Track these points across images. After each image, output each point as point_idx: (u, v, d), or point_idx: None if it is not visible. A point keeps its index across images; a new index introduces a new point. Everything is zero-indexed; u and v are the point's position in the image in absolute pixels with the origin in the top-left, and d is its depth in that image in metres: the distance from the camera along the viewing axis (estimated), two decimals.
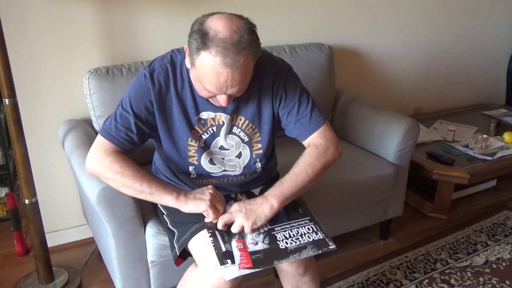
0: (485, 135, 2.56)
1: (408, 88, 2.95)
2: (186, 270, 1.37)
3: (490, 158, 2.39)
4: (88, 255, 2.07)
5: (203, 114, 1.34)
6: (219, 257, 1.21)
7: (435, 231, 2.30)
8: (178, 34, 2.04)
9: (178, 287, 1.39)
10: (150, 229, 1.54)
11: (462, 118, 2.95)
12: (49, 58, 1.88)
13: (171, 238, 1.42)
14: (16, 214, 2.03)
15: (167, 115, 1.33)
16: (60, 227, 2.14)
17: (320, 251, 1.26)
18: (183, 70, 1.31)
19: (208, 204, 1.28)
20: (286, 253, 1.24)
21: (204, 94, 1.24)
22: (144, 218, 1.56)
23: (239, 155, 1.40)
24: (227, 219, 1.28)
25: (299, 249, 1.26)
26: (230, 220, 1.29)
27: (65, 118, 1.95)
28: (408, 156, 2.08)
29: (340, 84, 2.52)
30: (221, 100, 1.22)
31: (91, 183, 1.43)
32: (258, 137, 1.39)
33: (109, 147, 1.30)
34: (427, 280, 1.94)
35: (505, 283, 1.92)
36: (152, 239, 1.54)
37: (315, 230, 1.32)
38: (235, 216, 1.28)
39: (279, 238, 1.28)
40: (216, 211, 1.29)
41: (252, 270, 1.19)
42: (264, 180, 1.51)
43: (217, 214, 1.29)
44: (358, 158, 2.06)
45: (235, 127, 1.37)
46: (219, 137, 1.37)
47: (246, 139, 1.39)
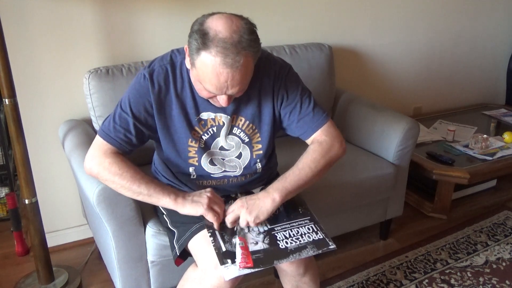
0: (485, 135, 2.56)
1: (408, 88, 2.95)
2: (186, 270, 1.37)
3: (490, 158, 2.39)
4: (88, 255, 2.07)
5: (203, 115, 1.34)
6: (219, 257, 1.21)
7: (435, 231, 2.30)
8: (178, 34, 2.04)
9: (178, 287, 1.39)
10: (150, 229, 1.54)
11: (462, 118, 2.95)
12: (49, 58, 1.88)
13: (171, 238, 1.42)
14: (16, 214, 2.03)
15: (167, 116, 1.32)
16: (60, 227, 2.14)
17: (320, 251, 1.26)
18: (183, 71, 1.31)
19: (206, 208, 1.28)
20: (286, 253, 1.24)
21: (204, 95, 1.24)
22: (144, 218, 1.56)
23: (239, 156, 1.40)
24: (233, 218, 1.29)
25: (299, 249, 1.26)
26: (236, 218, 1.29)
27: (65, 118, 1.95)
28: (408, 156, 2.08)
29: (340, 84, 2.52)
30: (221, 101, 1.21)
31: (91, 183, 1.43)
32: (258, 138, 1.39)
33: (108, 148, 1.30)
34: (427, 280, 1.94)
35: (505, 283, 1.92)
36: (152, 239, 1.54)
37: (315, 230, 1.32)
38: (239, 212, 1.28)
39: (279, 238, 1.28)
40: (215, 214, 1.29)
41: (252, 270, 1.19)
42: (264, 181, 1.51)
43: (216, 217, 1.29)
44: (358, 158, 2.06)
45: (236, 128, 1.37)
46: (219, 138, 1.37)
47: (247, 140, 1.39)
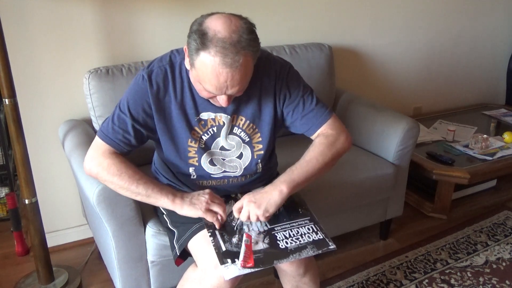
0: (485, 135, 2.56)
1: (408, 88, 2.95)
2: (186, 270, 1.37)
3: (490, 158, 2.39)
4: (88, 255, 2.07)
5: (203, 115, 1.33)
6: (219, 257, 1.21)
7: (435, 231, 2.30)
8: (178, 34, 2.03)
9: (178, 287, 1.39)
10: (150, 229, 1.54)
11: (462, 118, 2.95)
12: (49, 58, 1.88)
13: (171, 238, 1.42)
14: (16, 214, 2.03)
15: (166, 117, 1.32)
16: (60, 227, 2.14)
17: (320, 251, 1.26)
18: (183, 71, 1.30)
19: (203, 211, 1.28)
20: (286, 253, 1.24)
21: (204, 95, 1.24)
22: (144, 218, 1.56)
23: (240, 156, 1.40)
24: (246, 214, 1.27)
25: (299, 249, 1.26)
26: (248, 213, 1.27)
27: (65, 118, 1.95)
28: (408, 156, 2.08)
29: (340, 84, 2.52)
30: (221, 101, 1.21)
31: (91, 183, 1.43)
32: (259, 138, 1.39)
33: (107, 149, 1.30)
34: (427, 280, 1.94)
35: (505, 283, 1.92)
36: (152, 239, 1.54)
37: (315, 230, 1.32)
38: (248, 208, 1.27)
39: (279, 238, 1.28)
40: (213, 215, 1.29)
41: (253, 270, 1.19)
42: (265, 181, 1.51)
43: (215, 217, 1.29)
44: (358, 158, 2.06)
45: (236, 127, 1.37)
46: (220, 138, 1.37)
47: (247, 139, 1.39)
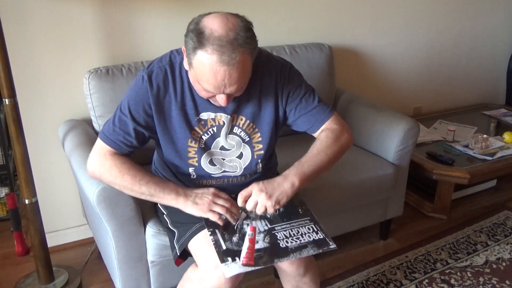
0: (485, 135, 2.56)
1: (408, 88, 2.95)
2: (186, 270, 1.37)
3: (490, 158, 2.39)
4: (88, 255, 2.07)
5: (203, 115, 1.33)
6: (220, 255, 1.21)
7: (435, 231, 2.30)
8: (178, 34, 2.01)
9: (178, 287, 1.39)
10: (150, 229, 1.54)
11: (462, 118, 2.95)
12: (49, 58, 1.88)
13: (171, 238, 1.42)
14: (16, 214, 2.03)
15: (166, 117, 1.32)
16: (60, 227, 2.14)
17: (321, 250, 1.26)
18: (182, 71, 1.30)
19: (206, 211, 1.28)
20: (287, 252, 1.25)
21: (204, 95, 1.24)
22: (144, 218, 1.56)
23: (240, 156, 1.40)
24: (253, 204, 1.23)
25: (300, 248, 1.26)
26: (255, 203, 1.23)
27: (65, 118, 1.95)
28: (408, 156, 2.08)
29: (340, 84, 2.52)
30: (220, 100, 1.21)
31: (91, 183, 1.43)
32: (259, 137, 1.39)
33: (108, 151, 1.31)
34: (427, 280, 1.94)
35: (505, 283, 1.92)
36: (152, 239, 1.54)
37: (315, 230, 1.32)
38: (257, 197, 1.23)
39: (280, 237, 1.28)
40: (215, 215, 1.28)
41: (253, 268, 1.19)
42: None
43: (218, 216, 1.29)
44: (358, 158, 2.06)
45: (236, 127, 1.37)
46: (220, 138, 1.37)
47: (247, 139, 1.39)
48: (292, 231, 1.32)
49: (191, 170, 1.39)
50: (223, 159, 1.39)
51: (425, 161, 2.34)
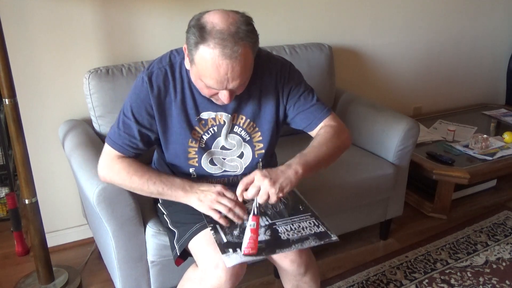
0: (485, 135, 2.56)
1: (408, 88, 2.95)
2: (186, 270, 1.37)
3: (490, 158, 2.39)
4: (88, 255, 2.07)
5: (204, 115, 1.33)
6: (221, 247, 1.21)
7: (435, 231, 2.30)
8: (178, 34, 2.02)
9: (178, 287, 1.39)
10: (150, 229, 1.54)
11: (462, 118, 2.95)
12: (49, 58, 1.88)
13: (172, 238, 1.42)
14: (16, 214, 2.03)
15: (167, 117, 1.32)
16: (60, 227, 2.14)
17: (322, 242, 1.26)
18: (183, 71, 1.30)
19: (206, 210, 1.27)
20: (289, 243, 1.24)
21: (206, 93, 1.23)
22: (144, 218, 1.56)
23: (241, 155, 1.40)
24: (255, 192, 1.18)
25: (301, 240, 1.25)
26: (258, 191, 1.18)
27: (65, 118, 1.95)
28: (408, 156, 2.08)
29: (340, 84, 2.52)
30: (223, 97, 1.20)
31: (91, 183, 1.43)
32: (260, 137, 1.39)
33: (116, 155, 1.33)
34: (427, 280, 1.94)
35: (505, 283, 1.92)
36: (152, 239, 1.54)
37: (317, 224, 1.32)
38: (260, 183, 1.18)
39: (281, 231, 1.28)
40: (216, 213, 1.27)
41: (255, 258, 1.19)
42: None
43: (219, 215, 1.27)
44: (358, 158, 2.06)
45: (236, 126, 1.37)
46: (220, 137, 1.37)
47: (247, 138, 1.39)
48: (293, 226, 1.31)
49: (192, 170, 1.39)
50: (224, 159, 1.39)
51: (425, 161, 2.34)
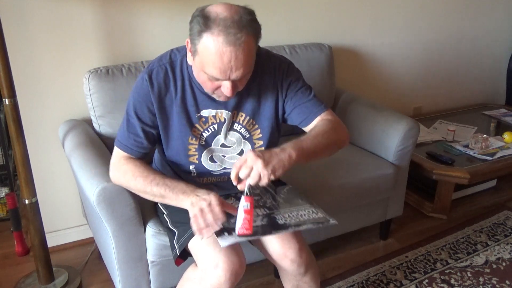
0: (485, 135, 2.56)
1: (408, 88, 2.95)
2: (186, 270, 1.37)
3: (490, 158, 2.39)
4: (88, 255, 2.07)
5: (204, 112, 1.34)
6: (216, 232, 1.20)
7: (435, 231, 2.30)
8: (178, 34, 2.03)
9: (178, 287, 1.39)
10: (150, 229, 1.54)
11: (462, 118, 2.95)
12: (49, 58, 1.88)
13: (171, 238, 1.42)
14: (16, 214, 2.03)
15: (168, 115, 1.33)
16: (60, 227, 2.14)
17: (320, 225, 1.25)
18: (183, 68, 1.31)
19: (191, 216, 1.21)
20: (285, 226, 1.24)
21: (209, 86, 1.23)
22: (144, 218, 1.56)
23: (241, 153, 1.40)
24: (247, 172, 1.14)
25: (299, 223, 1.25)
26: (249, 172, 1.13)
27: (65, 118, 1.95)
28: (408, 156, 2.08)
29: (340, 84, 2.52)
30: (226, 90, 1.20)
31: (91, 183, 1.43)
32: (259, 134, 1.40)
33: (123, 156, 1.35)
34: (427, 280, 1.94)
35: (505, 283, 1.92)
36: (152, 239, 1.54)
37: (315, 212, 1.32)
38: (252, 164, 1.14)
39: (279, 218, 1.28)
40: (198, 226, 1.20)
41: (250, 238, 1.18)
42: None
43: (200, 228, 1.20)
44: (358, 158, 2.06)
45: (236, 124, 1.37)
46: (220, 135, 1.37)
47: (247, 135, 1.39)
48: (292, 214, 1.31)
49: (192, 168, 1.39)
50: (224, 156, 1.39)
51: (425, 161, 2.34)
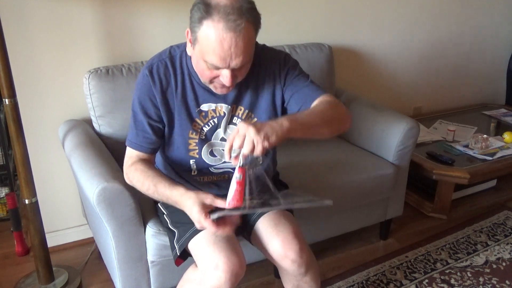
0: (485, 135, 2.56)
1: (408, 88, 2.95)
2: (186, 271, 1.37)
3: (490, 158, 2.39)
4: (88, 255, 2.07)
5: (204, 106, 1.35)
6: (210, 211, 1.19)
7: (435, 231, 2.30)
8: (178, 35, 2.02)
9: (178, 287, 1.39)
10: (150, 229, 1.54)
11: (462, 118, 2.95)
12: (49, 58, 1.88)
13: (172, 238, 1.42)
14: (16, 214, 2.03)
15: (169, 109, 1.34)
16: (60, 227, 2.14)
17: (313, 203, 1.22)
18: (183, 63, 1.33)
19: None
20: (279, 203, 1.21)
21: (207, 76, 1.23)
22: (144, 218, 1.56)
23: None
24: (241, 141, 1.09)
25: (293, 202, 1.25)
26: (243, 141, 1.09)
27: (65, 118, 1.95)
28: (408, 156, 2.08)
29: (340, 84, 2.52)
30: (225, 79, 1.20)
31: (91, 183, 1.43)
32: None
33: (133, 156, 1.36)
34: (427, 280, 1.94)
35: (505, 283, 1.92)
36: (152, 239, 1.54)
37: (310, 198, 1.27)
38: (244, 131, 1.09)
39: (272, 202, 1.24)
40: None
41: (241, 212, 1.16)
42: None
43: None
44: (358, 158, 2.06)
45: (235, 117, 1.38)
46: (220, 129, 1.38)
47: None
48: (287, 199, 1.29)
49: (192, 162, 1.40)
50: (223, 150, 1.40)
51: (425, 161, 2.34)
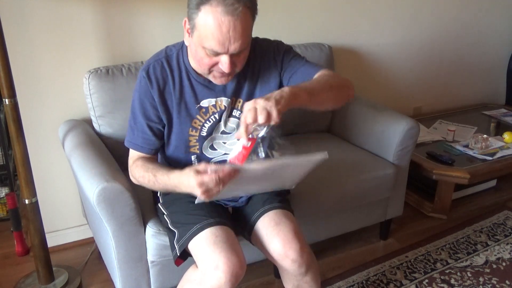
0: (485, 135, 2.56)
1: (408, 88, 2.95)
2: (186, 271, 1.37)
3: (490, 158, 2.39)
4: (88, 255, 2.07)
5: (204, 102, 1.35)
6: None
7: (435, 231, 2.30)
8: (178, 34, 2.00)
9: None
10: (150, 229, 1.54)
11: (462, 118, 2.95)
12: (49, 58, 1.88)
13: (172, 239, 1.42)
14: (16, 214, 2.03)
15: (168, 109, 1.34)
16: (60, 227, 2.14)
17: (305, 159, 1.19)
18: (180, 61, 1.34)
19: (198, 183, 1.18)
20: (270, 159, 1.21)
21: (206, 63, 1.22)
22: (144, 218, 1.56)
23: None
24: (254, 114, 1.08)
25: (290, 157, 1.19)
26: (255, 114, 1.08)
27: (65, 118, 1.95)
28: (408, 156, 2.08)
29: None
30: (224, 65, 1.20)
31: (91, 183, 1.43)
32: None
33: (135, 155, 1.38)
34: (427, 280, 1.94)
35: (505, 283, 1.92)
36: (152, 239, 1.54)
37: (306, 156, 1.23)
38: (253, 105, 1.09)
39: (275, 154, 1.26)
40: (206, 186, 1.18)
41: (237, 167, 1.14)
42: None
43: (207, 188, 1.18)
44: (358, 158, 2.06)
45: (235, 110, 1.39)
46: (221, 122, 1.38)
47: None
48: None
49: (194, 158, 1.41)
50: (224, 143, 1.41)
51: (425, 161, 2.34)
